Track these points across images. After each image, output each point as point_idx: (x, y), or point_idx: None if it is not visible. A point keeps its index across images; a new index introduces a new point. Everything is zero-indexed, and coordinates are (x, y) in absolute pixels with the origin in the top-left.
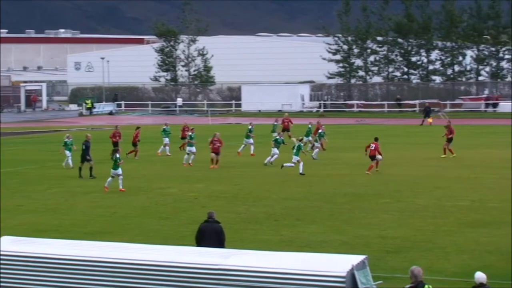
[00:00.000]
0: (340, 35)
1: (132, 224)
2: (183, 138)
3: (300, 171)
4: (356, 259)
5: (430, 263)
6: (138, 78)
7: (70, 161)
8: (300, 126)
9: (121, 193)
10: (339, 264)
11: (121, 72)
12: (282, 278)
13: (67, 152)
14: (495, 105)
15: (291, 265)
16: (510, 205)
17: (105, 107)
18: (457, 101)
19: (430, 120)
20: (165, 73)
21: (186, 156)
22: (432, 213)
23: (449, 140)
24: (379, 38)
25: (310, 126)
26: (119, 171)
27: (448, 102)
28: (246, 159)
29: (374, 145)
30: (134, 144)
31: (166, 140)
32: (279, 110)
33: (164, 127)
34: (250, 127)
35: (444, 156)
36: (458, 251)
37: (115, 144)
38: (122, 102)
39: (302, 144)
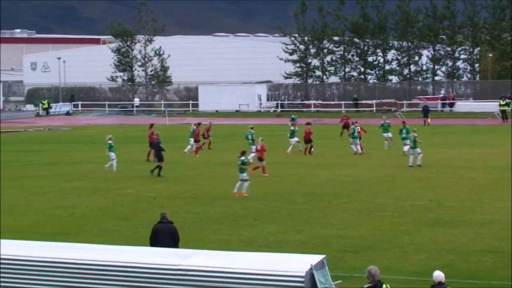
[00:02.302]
0: (296, 35)
1: (90, 225)
2: (205, 137)
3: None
4: (315, 258)
5: (389, 262)
6: (95, 78)
7: (114, 163)
8: (261, 126)
9: (78, 194)
10: (298, 264)
11: (78, 72)
12: (242, 278)
13: (112, 155)
14: (451, 105)
15: (250, 265)
16: (467, 205)
17: (62, 107)
18: (414, 101)
19: (429, 120)
20: (122, 73)
21: (252, 154)
22: (391, 213)
23: None
24: (335, 38)
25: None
26: (245, 175)
27: (404, 101)
28: (204, 159)
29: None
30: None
31: (192, 140)
32: (237, 110)
33: (194, 127)
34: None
35: None
36: (417, 250)
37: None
38: (79, 103)
39: (416, 136)
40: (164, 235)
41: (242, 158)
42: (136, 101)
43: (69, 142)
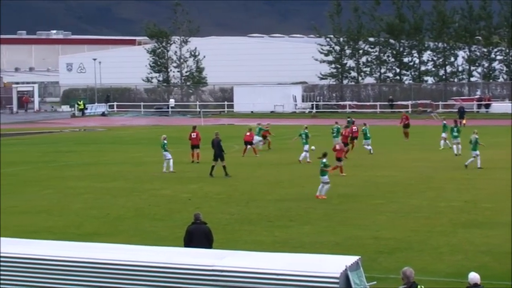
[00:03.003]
0: (332, 36)
1: (126, 225)
2: (264, 137)
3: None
4: (350, 259)
5: (424, 263)
6: (130, 79)
7: (171, 163)
8: (293, 127)
9: (114, 194)
10: (333, 265)
11: (113, 73)
12: (276, 279)
13: (166, 154)
14: (487, 106)
15: (285, 266)
16: (502, 206)
17: (98, 108)
18: (449, 102)
19: (464, 121)
20: (157, 74)
21: (304, 153)
22: (426, 214)
23: None
24: (371, 39)
25: (338, 126)
26: (326, 178)
27: (440, 103)
28: (239, 160)
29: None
30: (195, 146)
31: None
32: (272, 111)
33: (259, 127)
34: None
35: None
36: (452, 252)
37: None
38: (115, 103)
39: (477, 137)
40: (198, 236)
41: (324, 160)
42: (171, 102)
43: (104, 142)
